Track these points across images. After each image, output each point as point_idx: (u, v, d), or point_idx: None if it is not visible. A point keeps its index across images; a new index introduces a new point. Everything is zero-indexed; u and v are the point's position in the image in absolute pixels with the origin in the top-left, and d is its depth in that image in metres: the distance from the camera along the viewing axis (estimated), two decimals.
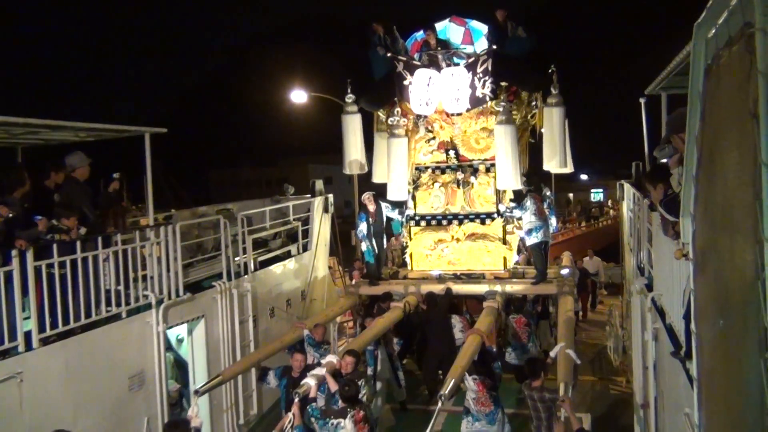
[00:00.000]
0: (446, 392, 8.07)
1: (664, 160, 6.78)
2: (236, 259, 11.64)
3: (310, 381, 8.47)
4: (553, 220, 13.60)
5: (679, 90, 8.84)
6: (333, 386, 8.60)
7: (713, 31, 3.25)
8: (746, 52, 2.56)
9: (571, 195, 63.76)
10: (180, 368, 10.53)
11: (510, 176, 12.39)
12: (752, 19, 2.53)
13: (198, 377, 10.51)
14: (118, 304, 8.65)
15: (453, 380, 8.31)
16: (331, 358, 9.16)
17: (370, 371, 11.12)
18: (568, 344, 9.45)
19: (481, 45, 13.24)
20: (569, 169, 13.46)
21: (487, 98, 12.64)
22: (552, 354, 9.41)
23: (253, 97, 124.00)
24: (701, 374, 3.72)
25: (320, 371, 8.77)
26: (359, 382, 8.69)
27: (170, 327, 9.63)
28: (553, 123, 12.58)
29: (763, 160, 2.43)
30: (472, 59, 12.82)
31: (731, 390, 3.08)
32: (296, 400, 8.21)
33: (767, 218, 2.46)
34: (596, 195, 75.54)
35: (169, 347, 10.03)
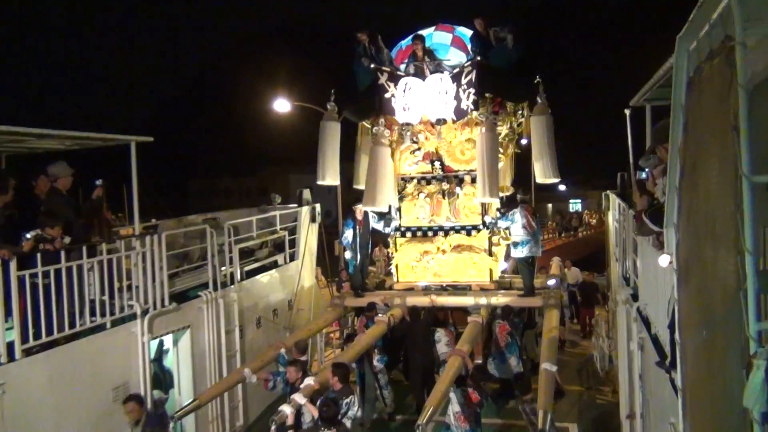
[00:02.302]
0: (424, 421, 8.08)
1: (645, 173, 6.86)
2: (222, 268, 11.57)
3: (286, 409, 8.35)
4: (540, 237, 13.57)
5: (664, 102, 8.93)
6: (313, 412, 8.40)
7: (695, 44, 3.29)
8: (727, 66, 2.60)
9: (549, 205, 64.12)
10: (163, 379, 10.42)
11: (487, 189, 12.21)
12: (732, 33, 2.57)
13: (183, 388, 10.43)
14: (103, 314, 8.56)
15: (432, 408, 8.32)
16: (309, 381, 8.94)
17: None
18: (551, 363, 9.43)
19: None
20: (556, 179, 13.48)
21: (470, 109, 12.64)
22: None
23: (233, 106, 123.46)
24: (686, 384, 3.74)
25: (299, 399, 8.57)
26: (347, 400, 8.58)
27: (155, 337, 9.55)
28: (541, 132, 12.58)
29: (743, 172, 2.46)
30: (457, 70, 12.83)
31: (715, 399, 3.10)
32: (273, 428, 8.15)
33: (748, 229, 2.49)
34: (574, 205, 76.17)
35: (155, 358, 9.95)
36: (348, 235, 13.03)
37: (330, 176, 13.53)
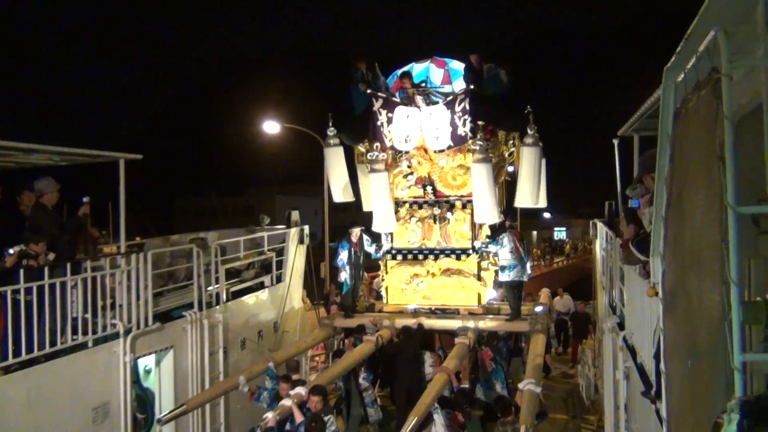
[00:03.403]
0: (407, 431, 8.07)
1: (636, 202, 6.89)
2: (208, 288, 11.49)
3: (269, 415, 8.51)
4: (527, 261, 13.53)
5: (651, 132, 9.02)
6: (299, 417, 8.62)
7: (682, 75, 3.33)
8: (713, 97, 2.62)
9: (535, 233, 64.52)
10: (143, 401, 10.26)
11: (488, 212, 12.47)
12: (719, 65, 2.60)
13: (165, 410, 10.26)
14: (85, 333, 8.46)
15: (415, 418, 8.35)
16: (300, 390, 9.11)
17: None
18: (535, 383, 9.41)
19: (459, 84, 13.44)
20: (542, 204, 13.61)
21: (468, 136, 12.78)
22: (520, 386, 9.38)
23: (220, 126, 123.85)
24: (670, 415, 3.72)
25: (287, 402, 8.80)
26: (328, 418, 8.62)
27: (138, 357, 9.43)
28: (529, 162, 12.72)
29: (728, 203, 2.47)
30: (450, 98, 13.01)
31: (700, 431, 3.08)
32: None
33: (733, 260, 2.49)
34: (559, 233, 76.67)
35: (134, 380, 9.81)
36: (343, 256, 13.09)
37: (346, 195, 14.16)
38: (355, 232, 13.16)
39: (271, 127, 24.34)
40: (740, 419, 1.27)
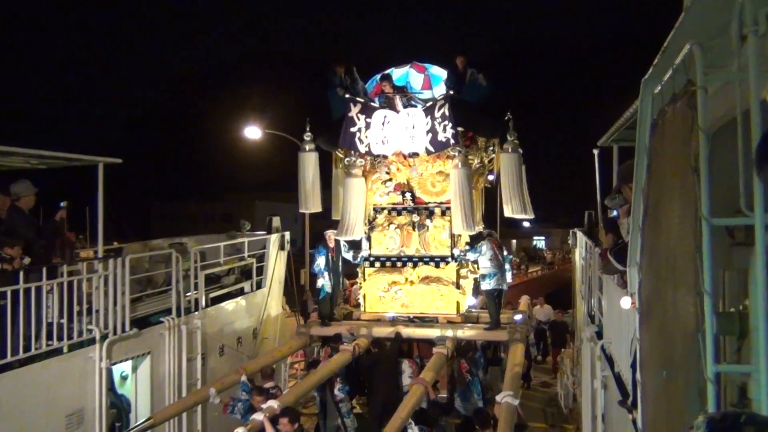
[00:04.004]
0: None
1: (615, 211, 6.93)
2: (187, 294, 11.39)
3: (240, 430, 8.30)
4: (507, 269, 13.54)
5: (631, 143, 9.08)
6: (269, 430, 8.44)
7: (659, 87, 3.36)
8: (688, 109, 2.65)
9: (514, 241, 64.79)
10: (118, 409, 10.12)
11: (465, 221, 12.42)
12: (694, 78, 2.63)
13: (141, 417, 10.14)
14: (60, 338, 8.33)
15: None
16: (272, 404, 8.91)
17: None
18: (513, 396, 9.40)
19: (439, 90, 13.43)
20: (529, 215, 13.57)
21: (450, 142, 12.73)
22: (498, 399, 9.36)
23: (199, 131, 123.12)
24: (646, 424, 3.74)
25: (258, 416, 8.58)
26: None
27: (114, 363, 9.31)
28: (509, 169, 12.74)
29: (702, 214, 2.49)
30: (429, 103, 12.98)
31: None
32: None
33: (707, 271, 2.51)
34: (538, 242, 77.00)
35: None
36: (320, 262, 12.95)
37: (312, 205, 13.84)
38: (330, 235, 13.08)
39: (253, 132, 24.24)
40: None
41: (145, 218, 66.90)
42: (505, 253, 13.17)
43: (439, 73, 13.70)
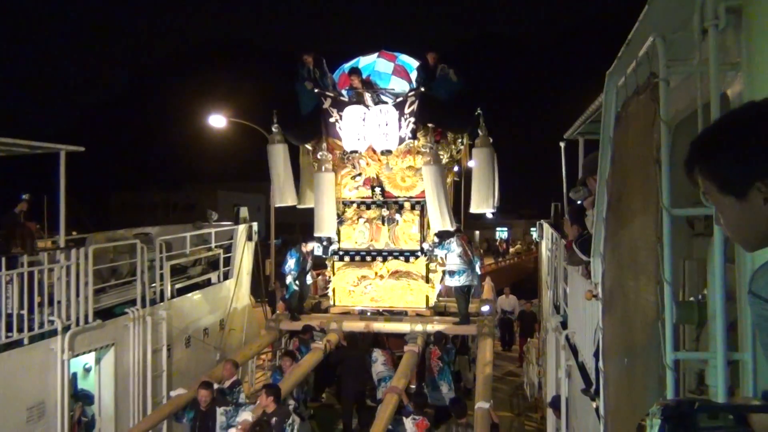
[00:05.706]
0: None
1: (579, 202, 7.00)
2: (152, 285, 11.24)
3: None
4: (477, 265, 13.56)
5: (596, 135, 9.18)
6: None
7: (623, 80, 3.40)
8: (651, 101, 2.69)
9: (477, 232, 65.30)
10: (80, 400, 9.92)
11: (441, 216, 12.52)
12: (657, 71, 2.66)
13: (104, 408, 10.01)
14: (20, 330, 8.17)
15: None
16: (246, 416, 8.62)
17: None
18: (487, 401, 9.50)
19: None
20: (491, 208, 13.69)
21: (407, 137, 12.77)
22: (476, 407, 9.38)
23: (160, 119, 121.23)
24: (607, 411, 3.81)
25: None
26: (289, 421, 8.45)
27: (76, 355, 9.15)
28: (482, 164, 12.84)
29: (663, 205, 2.54)
30: (400, 99, 12.94)
31: (634, 427, 3.15)
32: None
33: (668, 261, 2.56)
34: (501, 233, 77.69)
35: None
36: (291, 263, 12.93)
37: (288, 198, 13.90)
38: (308, 248, 13.07)
39: (217, 121, 23.87)
40: (661, 424, 1.30)
41: (104, 208, 65.40)
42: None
43: (410, 61, 13.64)
